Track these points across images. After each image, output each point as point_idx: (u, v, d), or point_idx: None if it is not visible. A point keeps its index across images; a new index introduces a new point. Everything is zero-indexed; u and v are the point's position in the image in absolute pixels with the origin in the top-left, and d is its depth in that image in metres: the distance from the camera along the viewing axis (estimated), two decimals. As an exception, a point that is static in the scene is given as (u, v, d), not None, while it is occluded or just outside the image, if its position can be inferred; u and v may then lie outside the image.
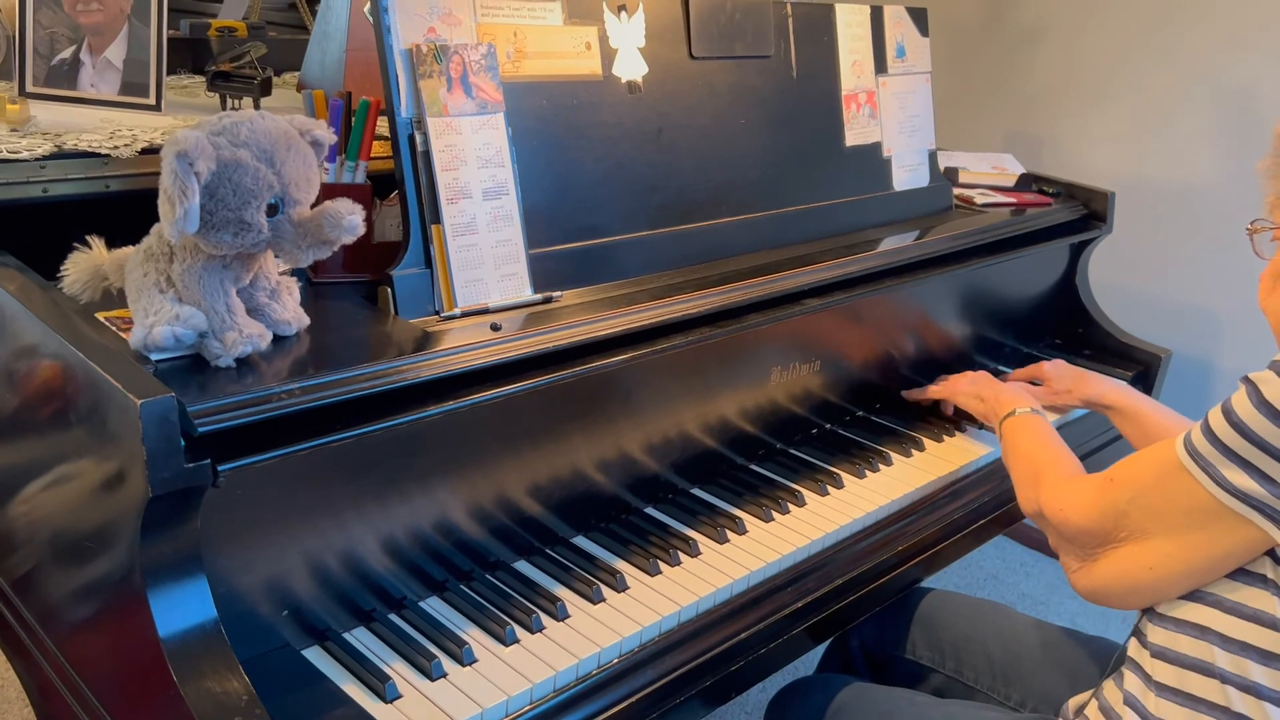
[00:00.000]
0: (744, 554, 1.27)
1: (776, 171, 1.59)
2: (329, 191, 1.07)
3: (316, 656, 1.04)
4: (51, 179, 1.21)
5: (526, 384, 1.11)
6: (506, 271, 1.22)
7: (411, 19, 1.17)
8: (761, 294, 1.38)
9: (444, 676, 1.03)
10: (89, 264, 1.08)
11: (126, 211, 1.11)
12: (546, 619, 1.12)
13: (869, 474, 1.49)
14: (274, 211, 0.98)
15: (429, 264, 1.18)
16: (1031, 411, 1.39)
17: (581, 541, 1.27)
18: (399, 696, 1.00)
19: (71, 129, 1.33)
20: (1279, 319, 1.04)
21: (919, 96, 1.85)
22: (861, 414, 1.66)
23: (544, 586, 1.17)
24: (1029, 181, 2.04)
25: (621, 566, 1.22)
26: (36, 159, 1.20)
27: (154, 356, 0.96)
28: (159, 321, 0.95)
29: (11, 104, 1.36)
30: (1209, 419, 0.96)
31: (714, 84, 1.50)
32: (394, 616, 1.11)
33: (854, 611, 1.33)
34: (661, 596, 1.18)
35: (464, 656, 1.04)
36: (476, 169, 1.20)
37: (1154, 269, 2.48)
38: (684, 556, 1.25)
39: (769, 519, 1.35)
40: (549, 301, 1.24)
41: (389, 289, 1.15)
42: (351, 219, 0.99)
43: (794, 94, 1.62)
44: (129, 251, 1.06)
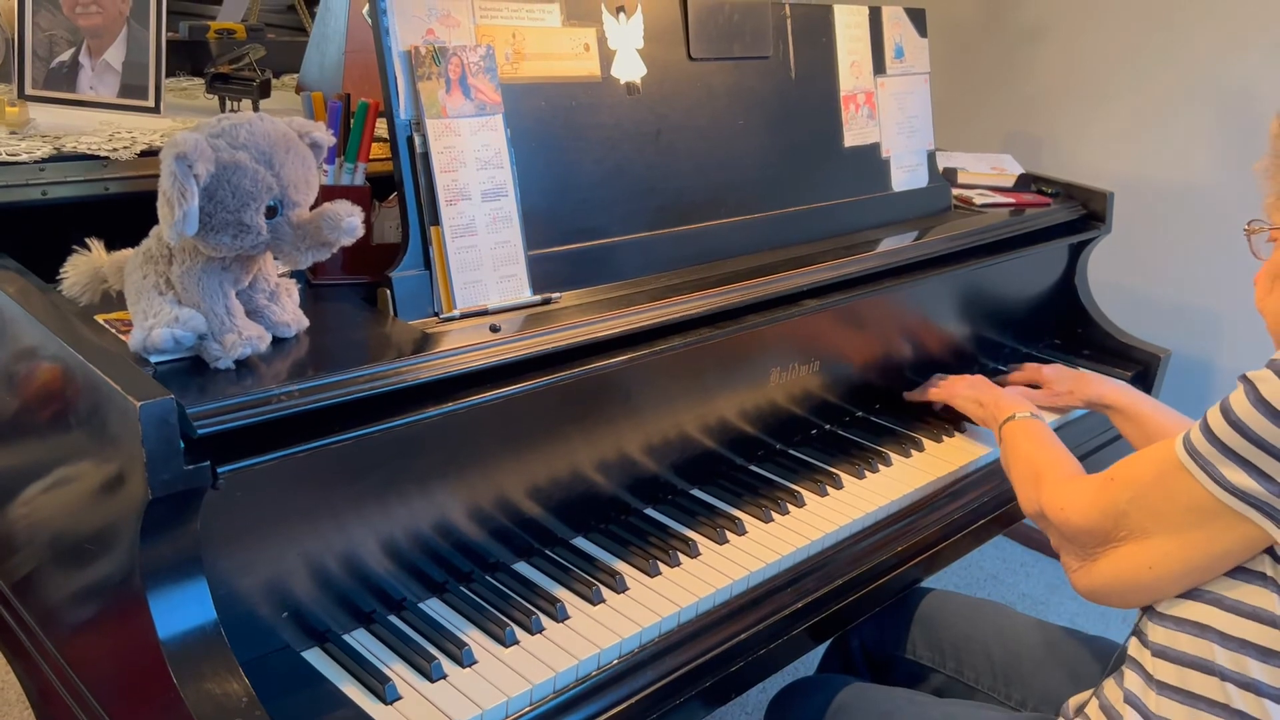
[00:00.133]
0: (744, 555, 1.27)
1: (775, 172, 1.59)
2: (328, 193, 1.07)
3: (316, 658, 1.04)
4: (51, 181, 1.21)
5: (526, 385, 1.11)
6: (505, 273, 1.22)
7: (410, 21, 1.17)
8: (760, 295, 1.38)
9: (444, 678, 1.03)
10: (88, 266, 1.08)
11: (126, 214, 1.11)
12: (546, 620, 1.12)
13: (868, 474, 1.49)
14: (273, 213, 0.98)
15: (428, 265, 1.18)
16: (1030, 415, 1.40)
17: (581, 543, 1.27)
18: (399, 698, 1.00)
19: (70, 131, 1.33)
20: (1276, 319, 1.05)
21: (917, 97, 1.85)
22: (861, 414, 1.66)
23: (543, 588, 1.17)
24: (1028, 182, 2.04)
25: (621, 567, 1.22)
26: (36, 161, 1.20)
27: (153, 359, 0.96)
28: (158, 324, 0.96)
29: (10, 106, 1.36)
30: (1208, 418, 0.96)
31: (712, 85, 1.50)
32: (394, 618, 1.11)
33: (854, 612, 1.33)
34: (661, 597, 1.18)
35: (464, 658, 1.04)
36: (475, 170, 1.20)
37: (1153, 269, 2.48)
38: (683, 557, 1.25)
39: (768, 520, 1.35)
40: (548, 303, 1.24)
41: (388, 290, 1.15)
42: (350, 221, 0.99)
43: (793, 95, 1.62)
44: (128, 254, 1.06)
